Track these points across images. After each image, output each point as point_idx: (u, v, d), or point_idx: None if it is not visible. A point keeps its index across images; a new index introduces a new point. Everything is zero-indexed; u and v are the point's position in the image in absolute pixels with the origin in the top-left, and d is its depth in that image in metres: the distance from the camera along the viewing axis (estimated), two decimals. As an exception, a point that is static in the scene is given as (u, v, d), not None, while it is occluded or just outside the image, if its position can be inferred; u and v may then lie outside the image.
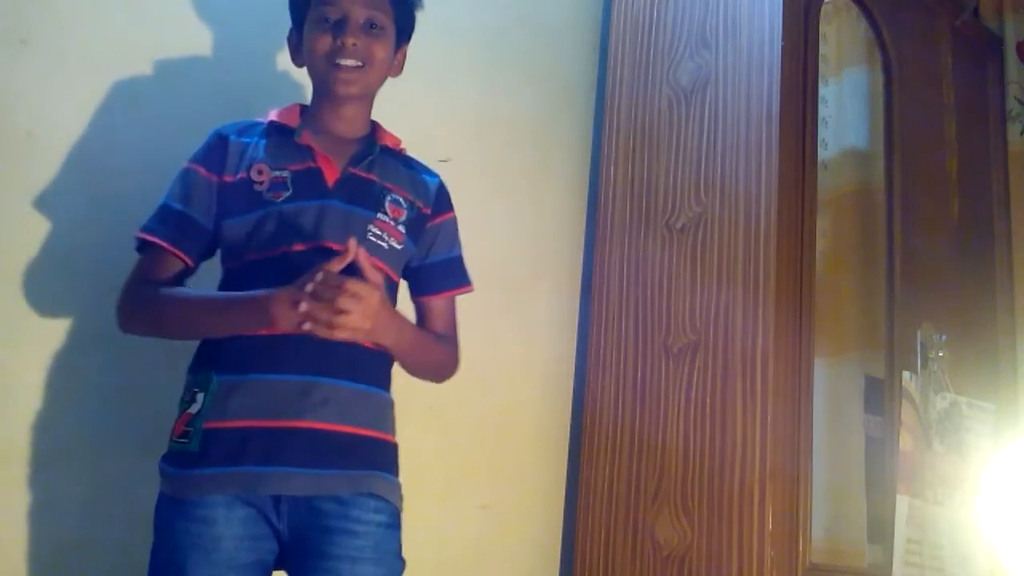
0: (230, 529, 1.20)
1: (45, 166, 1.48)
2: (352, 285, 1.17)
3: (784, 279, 1.72)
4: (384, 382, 1.34)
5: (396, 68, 1.46)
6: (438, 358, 1.43)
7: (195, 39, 1.65)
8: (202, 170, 1.35)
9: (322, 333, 1.17)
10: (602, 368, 1.95)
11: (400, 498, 1.31)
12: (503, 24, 2.08)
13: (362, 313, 1.18)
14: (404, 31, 1.44)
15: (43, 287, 1.46)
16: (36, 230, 1.46)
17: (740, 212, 1.78)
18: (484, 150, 2.00)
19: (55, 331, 1.46)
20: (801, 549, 1.64)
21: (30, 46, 1.48)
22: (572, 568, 1.90)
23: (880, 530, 1.86)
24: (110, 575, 1.44)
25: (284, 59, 1.73)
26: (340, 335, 1.18)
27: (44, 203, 1.47)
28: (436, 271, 1.44)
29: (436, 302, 1.45)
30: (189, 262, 1.34)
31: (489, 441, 1.92)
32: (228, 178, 1.34)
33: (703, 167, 1.87)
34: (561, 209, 2.13)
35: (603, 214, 2.05)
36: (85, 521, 1.45)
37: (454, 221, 1.48)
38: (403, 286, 1.46)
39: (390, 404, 1.35)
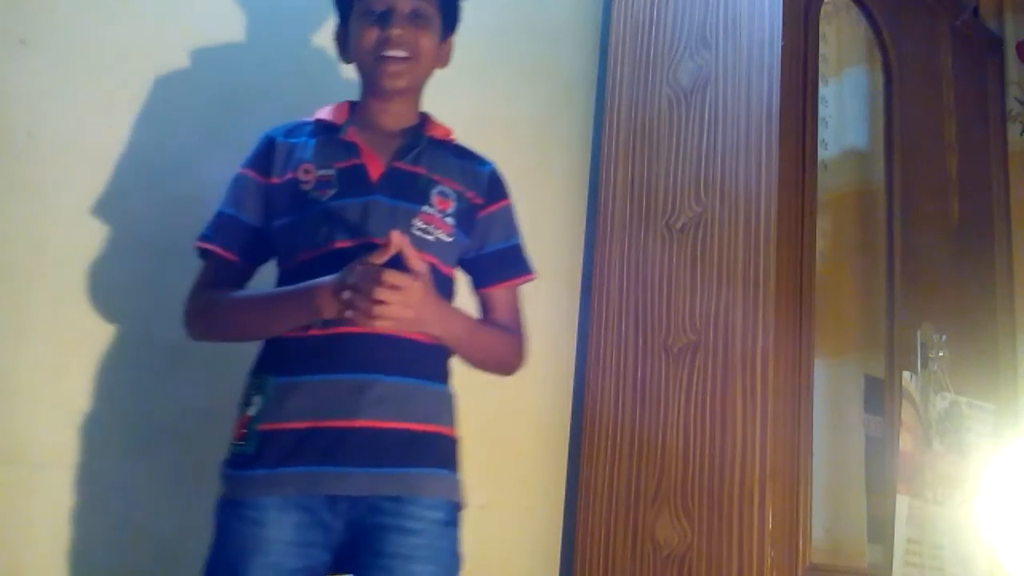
0: (281, 533, 1.21)
1: (45, 166, 1.48)
2: (390, 275, 1.16)
3: (784, 279, 1.72)
4: (441, 375, 1.34)
5: (443, 59, 1.45)
6: (499, 349, 1.41)
7: (195, 39, 1.65)
8: (251, 174, 1.36)
9: (362, 323, 1.18)
10: (602, 368, 1.95)
11: (460, 493, 1.31)
12: (503, 24, 2.08)
13: (402, 303, 1.17)
14: (450, 21, 1.44)
15: (44, 287, 1.46)
16: (36, 230, 1.46)
17: (740, 212, 1.78)
18: (484, 150, 1.99)
19: (56, 330, 1.46)
20: (801, 549, 1.64)
21: (30, 46, 1.48)
22: (572, 568, 1.90)
23: (880, 530, 1.86)
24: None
25: (285, 58, 1.74)
26: (380, 324, 1.18)
27: (44, 203, 1.47)
28: (493, 261, 1.43)
29: (496, 293, 1.43)
30: (245, 265, 1.36)
31: (489, 441, 1.92)
32: (276, 180, 1.34)
33: (703, 167, 1.87)
34: (561, 209, 2.13)
35: (603, 214, 2.05)
36: (89, 524, 1.45)
37: (509, 209, 1.46)
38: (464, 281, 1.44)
39: (449, 397, 1.34)
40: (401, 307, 1.17)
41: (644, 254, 1.94)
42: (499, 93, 2.05)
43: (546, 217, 2.10)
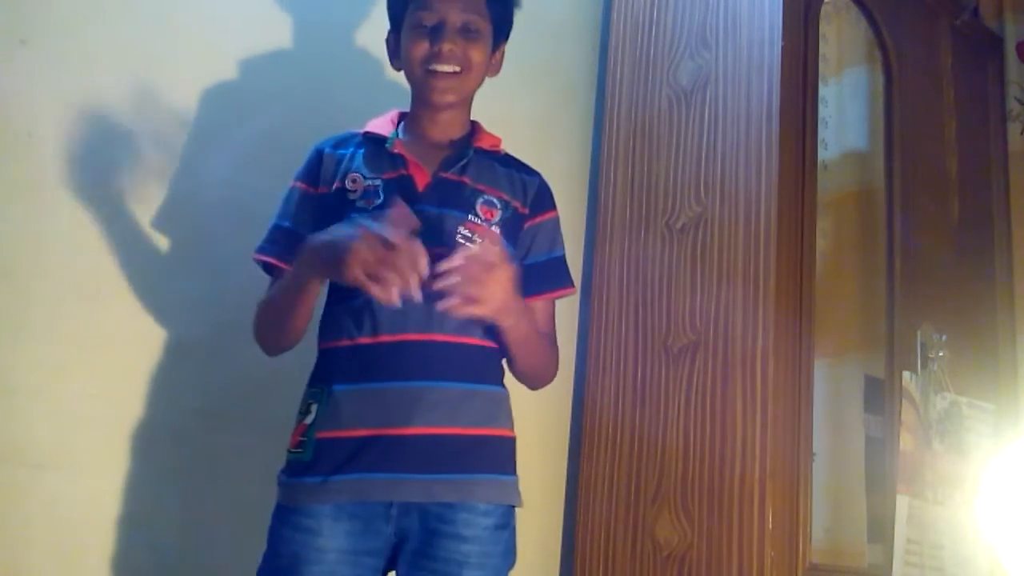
0: (334, 541, 1.21)
1: (45, 166, 1.48)
2: (485, 251, 1.17)
3: (784, 279, 1.71)
4: (495, 377, 1.34)
5: (494, 68, 1.45)
6: (544, 358, 1.42)
7: (195, 38, 1.65)
8: (302, 185, 1.38)
9: (461, 310, 1.17)
10: (602, 368, 1.95)
11: (515, 494, 1.31)
12: (504, 24, 2.08)
13: (500, 286, 1.19)
14: (502, 30, 1.44)
15: (44, 287, 1.46)
16: (36, 230, 1.46)
17: (740, 212, 1.78)
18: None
19: (57, 331, 1.46)
20: (801, 549, 1.64)
21: (30, 46, 1.48)
22: (572, 568, 1.90)
23: (880, 530, 1.86)
24: None
25: (284, 59, 1.73)
26: (477, 310, 1.18)
27: (44, 203, 1.47)
28: (535, 272, 1.42)
29: (535, 304, 1.42)
30: None
31: (489, 441, 1.91)
32: (324, 189, 1.36)
33: (703, 167, 1.87)
34: (561, 209, 2.11)
35: (603, 214, 2.05)
36: (89, 524, 1.45)
37: (555, 221, 1.47)
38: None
39: (504, 398, 1.35)
40: (497, 289, 1.18)
41: (644, 254, 1.94)
42: (499, 93, 2.04)
43: (546, 217, 2.09)
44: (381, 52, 1.47)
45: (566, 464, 2.02)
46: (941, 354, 1.99)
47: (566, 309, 2.09)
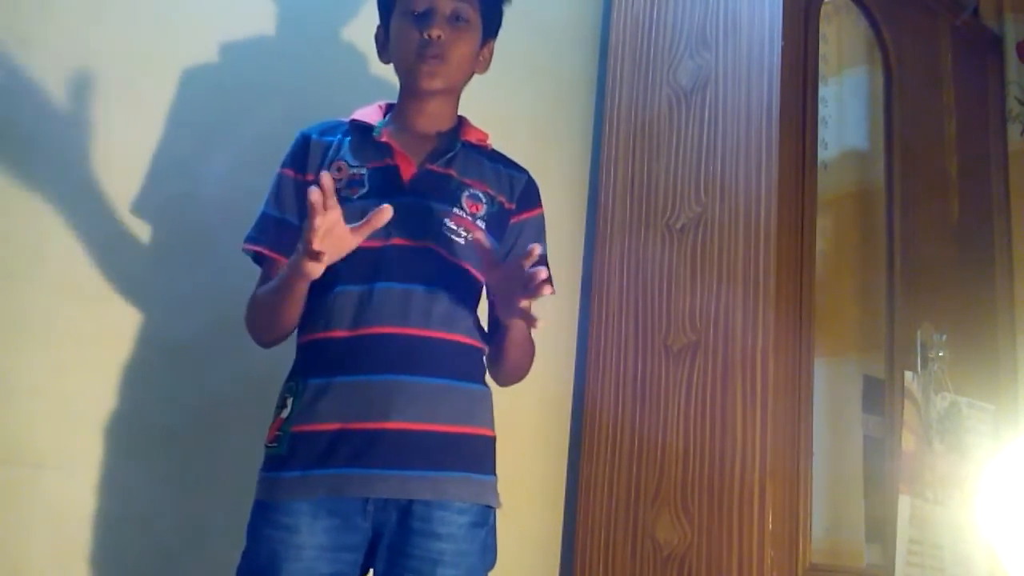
0: (313, 538, 1.21)
1: (45, 166, 1.48)
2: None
3: (784, 279, 1.71)
4: (475, 375, 1.34)
5: (483, 64, 1.45)
6: (530, 355, 1.43)
7: (195, 39, 1.65)
8: (290, 172, 1.37)
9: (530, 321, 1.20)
10: (602, 368, 1.95)
11: (492, 495, 1.31)
12: (503, 24, 2.08)
13: None
14: (491, 26, 1.44)
15: (44, 287, 1.46)
16: (36, 230, 1.46)
17: (740, 212, 1.78)
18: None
19: (56, 330, 1.46)
20: (801, 549, 1.64)
21: (30, 46, 1.48)
22: (572, 568, 1.90)
23: (879, 530, 1.86)
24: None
25: (283, 58, 1.74)
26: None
27: (44, 203, 1.47)
28: None
29: None
30: None
31: (489, 441, 1.91)
32: (311, 176, 1.34)
33: (703, 167, 1.87)
34: (561, 209, 2.12)
35: (603, 214, 2.05)
36: (89, 524, 1.45)
37: (541, 219, 1.47)
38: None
39: (484, 396, 1.34)
40: None
41: (644, 254, 1.94)
42: (499, 93, 2.04)
43: (546, 217, 2.09)
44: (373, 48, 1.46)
45: (566, 464, 2.02)
46: (941, 354, 1.99)
47: (566, 309, 2.10)
